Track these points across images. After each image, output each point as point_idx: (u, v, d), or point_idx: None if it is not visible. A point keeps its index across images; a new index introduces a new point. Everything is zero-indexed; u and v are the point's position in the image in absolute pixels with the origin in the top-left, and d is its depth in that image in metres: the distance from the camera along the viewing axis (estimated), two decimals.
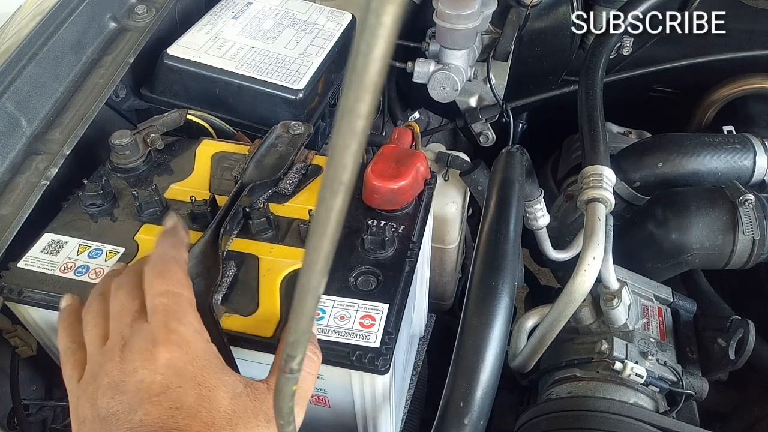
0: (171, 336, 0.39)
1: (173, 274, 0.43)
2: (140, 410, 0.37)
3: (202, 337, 0.41)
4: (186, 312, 0.42)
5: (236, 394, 0.40)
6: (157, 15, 0.76)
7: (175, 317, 0.41)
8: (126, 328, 0.41)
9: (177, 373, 0.38)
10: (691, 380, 0.68)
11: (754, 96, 1.06)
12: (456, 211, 0.86)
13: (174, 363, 0.39)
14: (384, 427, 0.56)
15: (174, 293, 0.42)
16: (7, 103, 0.61)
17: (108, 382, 0.39)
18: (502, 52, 0.91)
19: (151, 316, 0.41)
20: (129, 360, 0.39)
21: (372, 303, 0.51)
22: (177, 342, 0.39)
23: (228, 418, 0.38)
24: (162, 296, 0.41)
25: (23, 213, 0.57)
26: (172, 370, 0.38)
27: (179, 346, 0.39)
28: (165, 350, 0.39)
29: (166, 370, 0.38)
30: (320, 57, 0.77)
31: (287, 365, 0.30)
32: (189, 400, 0.38)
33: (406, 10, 0.97)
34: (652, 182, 0.86)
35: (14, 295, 0.52)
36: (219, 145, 0.68)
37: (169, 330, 0.40)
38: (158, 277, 0.43)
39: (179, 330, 0.40)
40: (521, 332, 0.74)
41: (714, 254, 0.76)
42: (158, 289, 0.42)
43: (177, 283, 0.43)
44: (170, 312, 0.41)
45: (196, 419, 0.37)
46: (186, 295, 0.43)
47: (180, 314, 0.41)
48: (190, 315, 0.42)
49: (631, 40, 1.06)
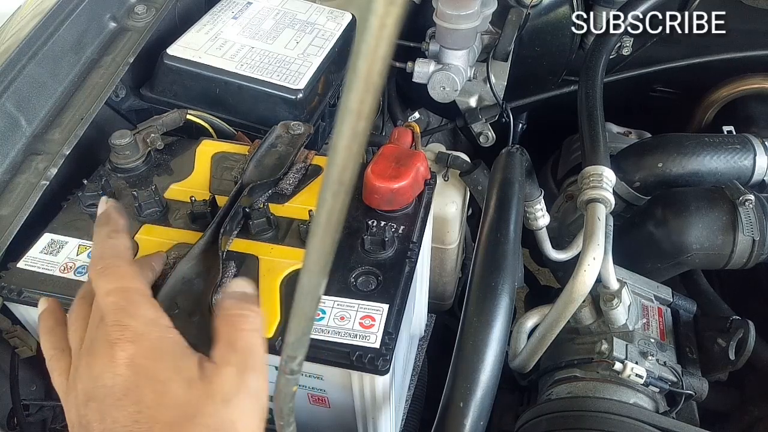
0: (125, 333, 0.39)
1: (115, 269, 0.43)
2: (108, 418, 0.37)
3: (157, 326, 0.41)
4: (136, 305, 0.41)
5: (190, 381, 0.39)
6: (157, 15, 0.76)
7: (126, 313, 0.40)
8: (92, 332, 0.41)
9: (135, 371, 0.39)
10: (691, 380, 0.68)
11: (754, 96, 1.06)
12: (456, 211, 0.85)
13: (131, 361, 0.39)
14: (384, 427, 0.56)
15: (120, 289, 0.42)
16: (7, 103, 0.61)
17: (81, 389, 0.39)
18: (502, 52, 0.91)
19: (104, 318, 0.40)
20: (93, 364, 0.39)
21: (372, 303, 0.50)
22: (130, 339, 0.39)
23: (185, 412, 0.38)
24: (109, 295, 0.41)
25: (23, 213, 0.57)
26: (130, 369, 0.38)
27: (133, 343, 0.39)
28: (120, 349, 0.39)
29: (124, 370, 0.38)
30: (320, 57, 0.77)
31: (287, 366, 0.30)
32: (148, 399, 0.38)
33: (406, 10, 0.97)
34: (652, 182, 0.86)
35: (14, 295, 0.52)
36: (219, 145, 0.68)
37: (121, 327, 0.40)
38: (100, 276, 0.42)
39: (131, 325, 0.40)
40: (521, 332, 0.74)
41: (714, 254, 0.76)
42: (104, 289, 0.42)
43: (121, 278, 0.42)
44: (119, 309, 0.40)
45: (158, 421, 0.37)
46: (133, 287, 0.42)
47: (130, 309, 0.41)
48: (141, 307, 0.41)
49: (631, 40, 1.06)
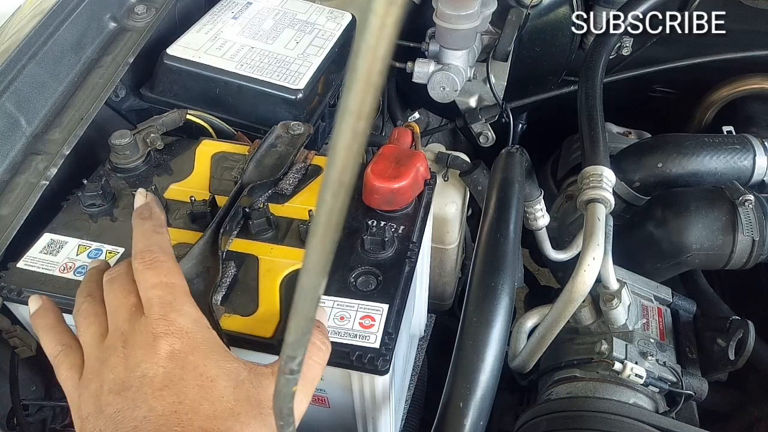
0: (170, 328, 0.39)
1: (162, 263, 0.43)
2: (144, 406, 0.37)
3: (201, 325, 0.41)
4: (182, 301, 0.41)
5: (239, 381, 0.39)
6: (156, 15, 0.76)
7: (172, 308, 0.40)
8: (125, 324, 0.41)
9: (179, 364, 0.39)
10: (691, 380, 0.68)
11: (754, 96, 1.06)
12: (456, 212, 0.85)
13: (175, 354, 0.39)
14: (384, 427, 0.56)
15: (167, 284, 0.42)
16: (7, 103, 0.61)
17: (113, 378, 0.39)
18: (501, 52, 0.91)
19: (148, 310, 0.41)
20: (131, 356, 0.39)
21: (372, 303, 0.51)
22: (176, 333, 0.39)
23: (230, 408, 0.38)
24: (155, 288, 0.41)
25: (23, 213, 0.57)
26: (174, 362, 0.39)
27: (179, 338, 0.39)
28: (166, 342, 0.39)
29: (167, 363, 0.38)
30: (320, 57, 0.77)
31: (287, 366, 0.30)
32: (191, 393, 0.38)
33: (406, 10, 0.97)
34: (651, 182, 0.86)
35: (14, 295, 0.52)
36: (219, 145, 0.68)
37: (168, 322, 0.40)
38: (148, 268, 0.42)
39: (178, 321, 0.40)
40: (521, 332, 0.74)
41: (714, 255, 0.76)
42: (151, 282, 0.42)
43: (168, 273, 0.42)
44: (166, 303, 0.41)
45: (198, 413, 0.37)
46: (179, 284, 0.42)
47: (177, 305, 0.41)
48: (186, 304, 0.42)
49: (631, 40, 1.06)
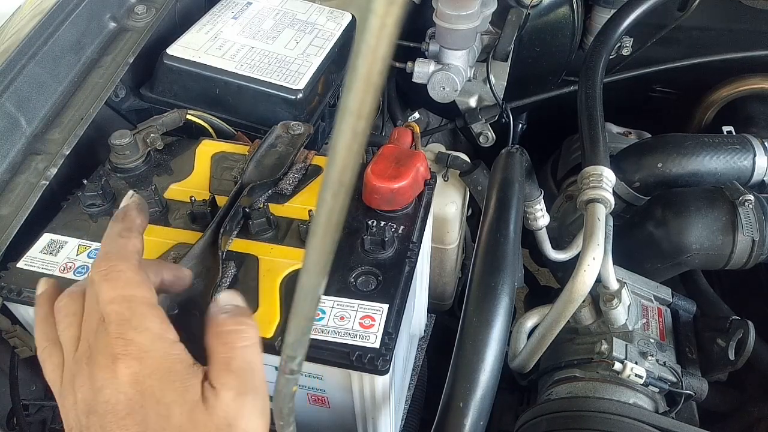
0: (128, 348, 0.37)
1: (119, 274, 0.39)
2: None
3: (163, 342, 0.38)
4: (142, 316, 0.38)
5: (193, 406, 0.37)
6: (156, 15, 0.76)
7: (130, 326, 0.37)
8: (91, 335, 0.39)
9: (139, 390, 0.37)
10: (691, 380, 0.68)
11: (754, 96, 1.06)
12: (456, 212, 0.85)
13: (135, 378, 0.37)
14: (384, 427, 0.56)
15: (125, 297, 0.38)
16: (7, 102, 0.61)
17: (82, 398, 0.38)
18: (501, 52, 0.91)
19: (107, 326, 0.38)
20: (95, 377, 0.37)
21: (372, 303, 0.50)
22: (135, 354, 0.37)
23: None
24: (112, 303, 0.38)
25: (23, 213, 0.57)
26: (134, 387, 0.37)
27: (137, 359, 0.37)
28: (124, 366, 0.37)
29: (128, 389, 0.37)
30: (320, 57, 0.77)
31: (287, 366, 0.30)
32: (152, 422, 0.36)
33: (406, 10, 0.97)
34: (651, 183, 0.86)
35: (14, 295, 0.52)
36: (219, 145, 0.68)
37: (125, 342, 0.37)
38: (104, 280, 0.39)
39: (136, 340, 0.37)
40: (521, 332, 0.74)
41: (714, 255, 0.76)
42: (107, 296, 0.38)
43: (126, 285, 0.39)
44: (123, 321, 0.37)
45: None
46: (139, 296, 0.39)
47: (135, 321, 0.38)
48: (147, 318, 0.38)
49: (631, 40, 1.06)
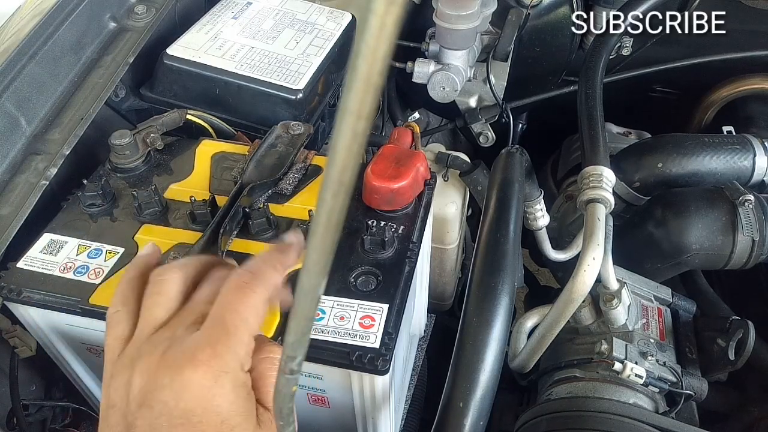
0: (212, 361, 0.36)
1: (252, 297, 0.38)
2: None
3: (242, 372, 0.38)
4: (239, 341, 0.37)
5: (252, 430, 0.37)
6: (156, 15, 0.76)
7: (226, 342, 0.36)
8: (181, 327, 0.38)
9: (201, 404, 0.35)
10: (691, 381, 0.68)
11: (754, 96, 1.06)
12: (456, 212, 0.85)
13: (202, 393, 0.35)
14: (383, 427, 0.56)
15: (240, 314, 0.37)
16: (7, 103, 0.61)
17: (139, 386, 0.36)
18: (501, 52, 0.91)
19: (204, 330, 0.37)
20: (162, 371, 0.36)
21: (372, 303, 0.51)
22: (214, 370, 0.36)
23: None
24: (227, 312, 0.37)
25: (23, 213, 0.57)
26: (200, 402, 0.35)
27: (214, 377, 0.36)
28: (199, 375, 0.35)
29: (192, 401, 0.35)
30: (320, 57, 0.77)
31: (287, 366, 0.30)
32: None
33: (406, 10, 0.97)
34: (651, 183, 0.86)
35: (14, 295, 0.52)
36: (219, 145, 0.68)
37: (213, 353, 0.36)
38: (236, 290, 0.38)
39: (224, 357, 0.36)
40: (521, 332, 0.74)
41: (714, 255, 0.76)
42: (228, 304, 0.38)
43: (249, 308, 0.38)
44: (224, 333, 0.36)
45: None
46: (251, 324, 0.38)
47: (233, 341, 0.37)
48: (241, 346, 0.37)
49: (631, 40, 1.06)
